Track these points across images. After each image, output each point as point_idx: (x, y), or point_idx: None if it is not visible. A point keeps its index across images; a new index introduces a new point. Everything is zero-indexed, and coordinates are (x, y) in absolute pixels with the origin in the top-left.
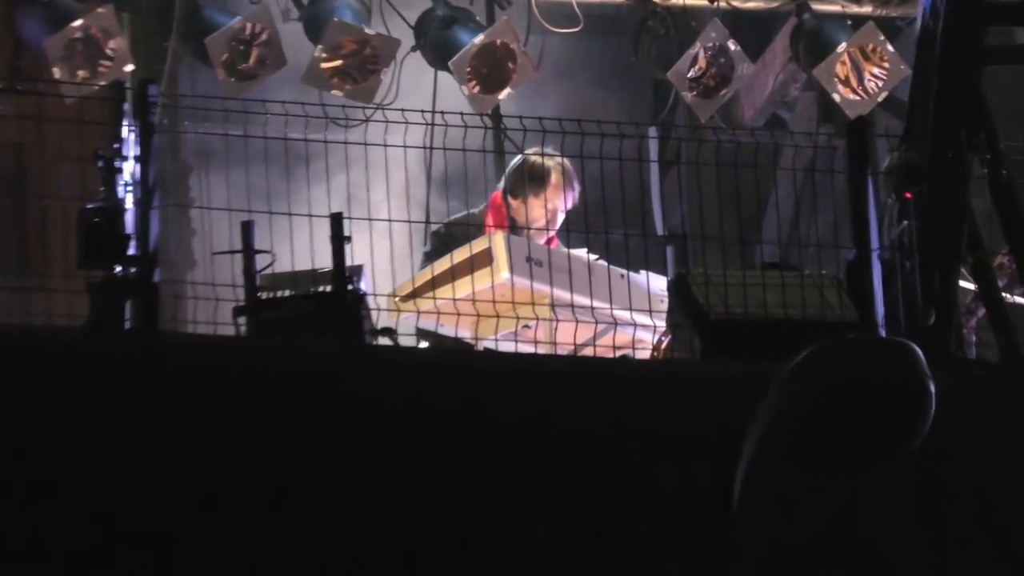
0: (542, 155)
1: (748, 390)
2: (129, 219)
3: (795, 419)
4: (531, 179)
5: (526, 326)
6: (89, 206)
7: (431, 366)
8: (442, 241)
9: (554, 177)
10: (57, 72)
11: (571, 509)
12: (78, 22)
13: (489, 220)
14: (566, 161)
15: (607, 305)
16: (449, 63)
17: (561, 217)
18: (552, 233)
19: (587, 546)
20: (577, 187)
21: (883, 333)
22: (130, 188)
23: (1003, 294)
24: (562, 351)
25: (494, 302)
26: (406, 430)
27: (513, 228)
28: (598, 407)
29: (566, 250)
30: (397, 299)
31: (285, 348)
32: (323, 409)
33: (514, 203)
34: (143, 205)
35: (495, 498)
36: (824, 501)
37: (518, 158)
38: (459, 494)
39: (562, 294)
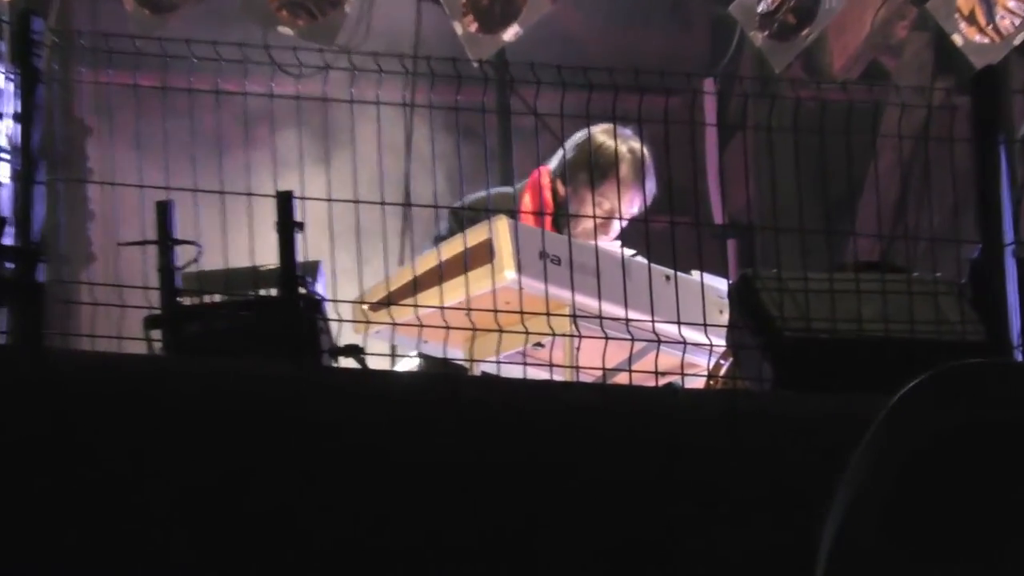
0: (615, 136)
1: (835, 434)
2: (4, 197)
3: (899, 476)
4: (591, 165)
5: (538, 344)
6: None
7: (410, 397)
8: (461, 223)
9: (624, 170)
10: None
11: None
12: None
13: (526, 203)
14: (645, 149)
15: (647, 316)
16: None
17: (620, 225)
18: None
19: None
20: (653, 186)
21: (1020, 357)
22: (6, 156)
23: None
24: (586, 377)
25: (496, 311)
26: (374, 484)
27: (558, 220)
28: (634, 454)
29: (594, 244)
30: (366, 307)
31: (214, 372)
32: (263, 453)
33: (563, 190)
34: (25, 179)
35: (497, 572)
36: None
37: (582, 133)
38: (448, 568)
39: (587, 301)
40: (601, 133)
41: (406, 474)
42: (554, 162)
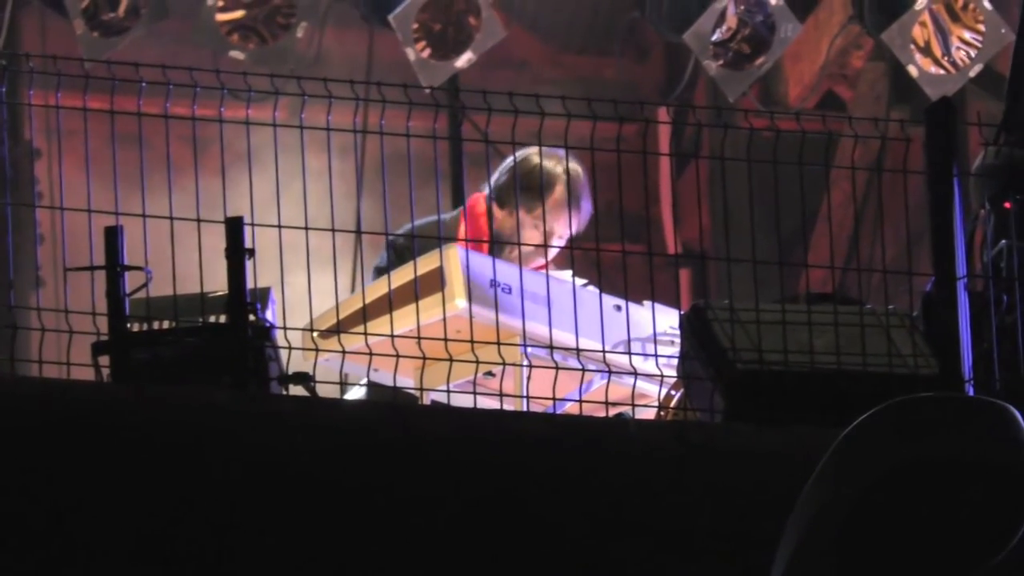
0: (540, 156)
1: (785, 467)
2: None
3: (849, 510)
4: (525, 187)
5: (489, 373)
6: None
7: (359, 426)
8: (400, 255)
9: (558, 190)
10: None
11: None
12: None
13: (463, 231)
14: (580, 169)
15: (598, 346)
16: (389, 17)
17: (560, 243)
18: (546, 260)
19: None
20: (589, 207)
21: (972, 391)
22: None
23: None
24: (537, 407)
25: (446, 340)
26: (321, 513)
27: (496, 247)
28: (583, 485)
29: (545, 273)
30: (316, 334)
31: (160, 399)
32: (207, 482)
33: (499, 214)
34: None
35: None
36: None
37: (512, 158)
38: None
39: (538, 330)
40: (534, 155)
41: (353, 503)
42: (487, 187)
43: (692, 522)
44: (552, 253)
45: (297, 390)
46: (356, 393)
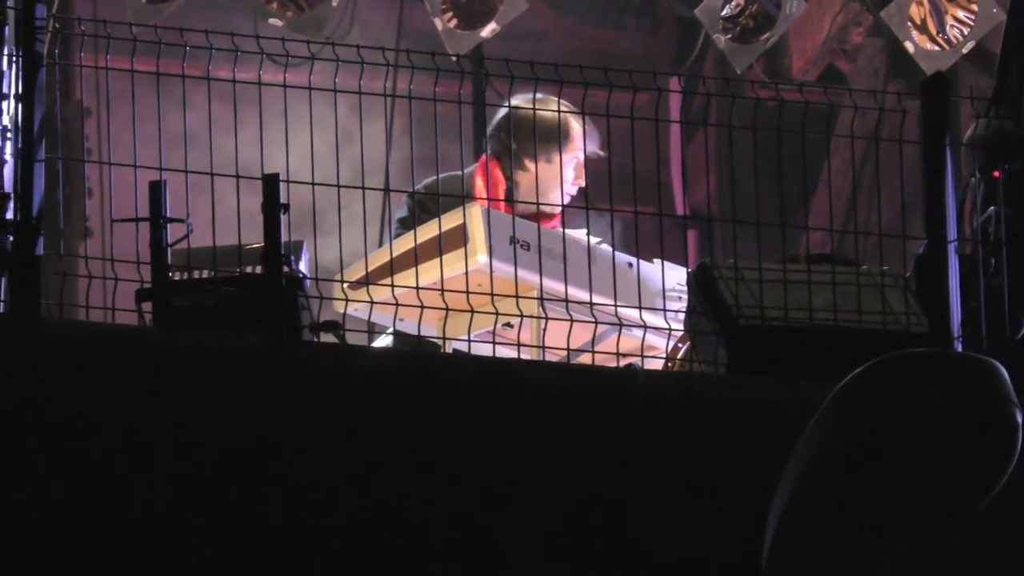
0: (542, 103)
1: (785, 416)
2: (7, 174)
3: (842, 459)
4: (543, 135)
5: (508, 324)
6: None
7: (385, 371)
8: (422, 207)
9: (575, 126)
10: None
11: (558, 564)
12: None
13: (479, 186)
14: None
15: (610, 301)
16: None
17: (577, 184)
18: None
19: None
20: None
21: (960, 348)
22: (9, 135)
23: None
24: (552, 357)
25: (468, 292)
26: (348, 455)
27: (511, 197)
28: (594, 431)
29: (561, 231)
30: (346, 285)
31: (198, 344)
32: (244, 425)
33: (531, 167)
34: (26, 157)
35: (462, 550)
36: (877, 563)
37: (507, 109)
38: (413, 542)
39: (554, 285)
40: (524, 103)
41: (377, 444)
42: (491, 145)
43: (695, 466)
44: (563, 199)
45: (327, 338)
46: (383, 341)
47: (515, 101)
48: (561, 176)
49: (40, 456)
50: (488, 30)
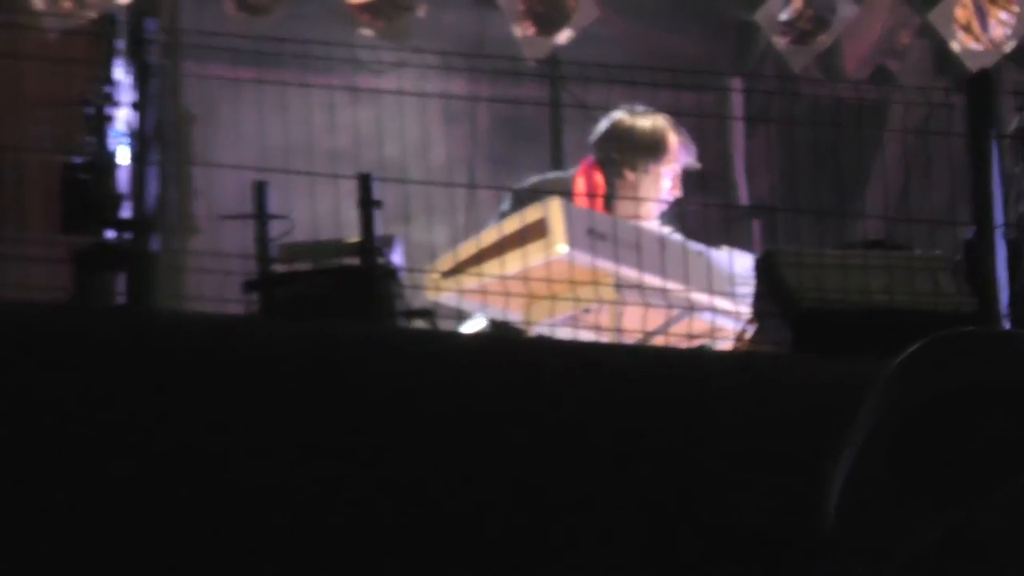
0: (645, 114)
1: (845, 392)
2: (122, 176)
3: (899, 430)
4: (647, 147)
5: (587, 310)
6: (75, 160)
7: (474, 354)
8: (522, 202)
9: (673, 138)
10: (36, 2)
11: (629, 540)
12: None
13: (580, 187)
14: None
15: (682, 287)
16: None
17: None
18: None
19: (651, 570)
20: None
21: (1007, 326)
22: (123, 140)
23: None
24: (628, 340)
25: (549, 281)
26: (438, 434)
27: (609, 202)
28: (665, 408)
29: (634, 222)
30: (437, 275)
31: (302, 331)
32: (341, 406)
33: (631, 176)
34: (140, 160)
35: (539, 526)
36: (933, 527)
37: (615, 118)
38: (493, 514)
39: (630, 273)
40: (636, 118)
41: (466, 422)
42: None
43: (760, 443)
44: (656, 207)
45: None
46: (471, 326)
47: (618, 114)
48: (657, 186)
49: (160, 439)
50: (563, 36)
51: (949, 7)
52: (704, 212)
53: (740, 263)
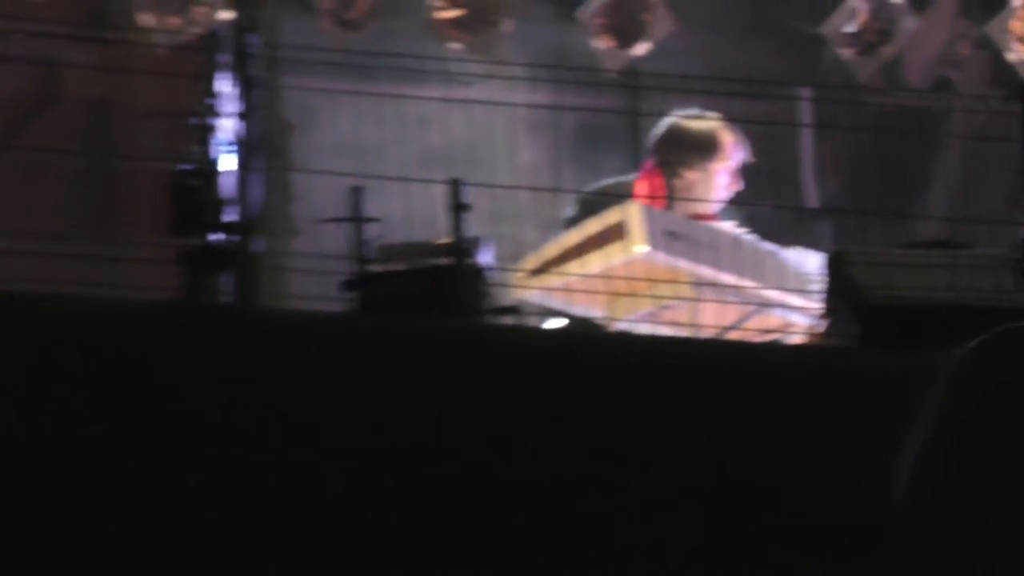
0: (700, 117)
1: (911, 383)
2: (225, 182)
3: (964, 418)
4: (698, 146)
5: (665, 306)
6: (182, 167)
7: (559, 348)
8: (589, 209)
9: (724, 140)
10: (144, 19)
11: (707, 525)
12: None
13: (642, 190)
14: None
15: (756, 284)
16: (577, 14)
17: (728, 190)
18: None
19: (727, 559)
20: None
21: None
22: (227, 148)
23: None
24: (705, 334)
25: (629, 279)
26: (522, 425)
27: (670, 203)
28: (739, 398)
29: (709, 223)
30: (523, 274)
31: (398, 326)
32: (434, 396)
33: (686, 174)
34: (245, 167)
35: (621, 512)
36: (998, 512)
37: (668, 123)
38: (564, 502)
39: (706, 271)
40: (693, 121)
41: (549, 413)
42: (656, 152)
43: (829, 430)
44: (718, 205)
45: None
46: (556, 322)
47: (672, 118)
48: (714, 183)
49: (269, 433)
50: (640, 48)
51: (1005, 20)
52: (776, 214)
53: (810, 262)
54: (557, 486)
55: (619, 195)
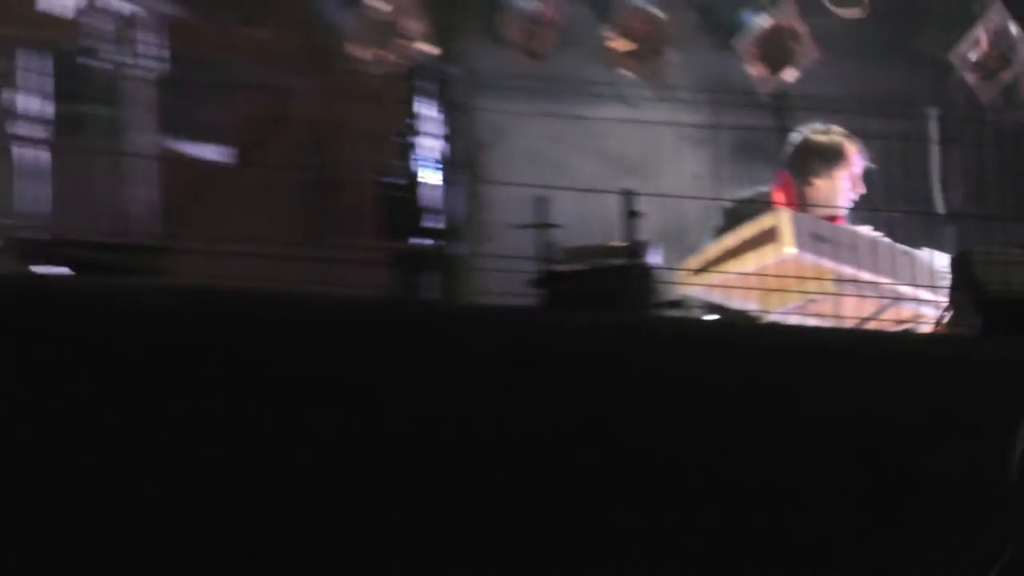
0: (827, 132)
1: None
2: (428, 193)
3: None
4: (825, 156)
5: (811, 300)
6: (391, 181)
7: (719, 336)
8: (734, 218)
9: (847, 151)
10: (358, 52)
11: (841, 502)
12: (377, 1)
13: (778, 198)
14: (849, 134)
15: (890, 280)
16: (734, 43)
17: (852, 195)
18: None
19: (861, 531)
20: (864, 159)
21: None
22: (430, 164)
23: None
24: (846, 324)
25: (780, 276)
26: (686, 405)
27: (805, 206)
28: (878, 380)
29: (850, 227)
30: (687, 273)
31: (582, 320)
32: (613, 382)
33: (814, 183)
34: (447, 181)
35: (759, 492)
36: None
37: (799, 137)
38: (706, 479)
39: (846, 270)
40: (821, 134)
41: (713, 396)
42: (790, 163)
43: (955, 409)
44: (845, 206)
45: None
46: (716, 315)
47: (801, 134)
48: (839, 188)
49: (472, 413)
50: (790, 74)
51: None
52: (909, 219)
53: (938, 261)
54: (720, 460)
55: (758, 203)
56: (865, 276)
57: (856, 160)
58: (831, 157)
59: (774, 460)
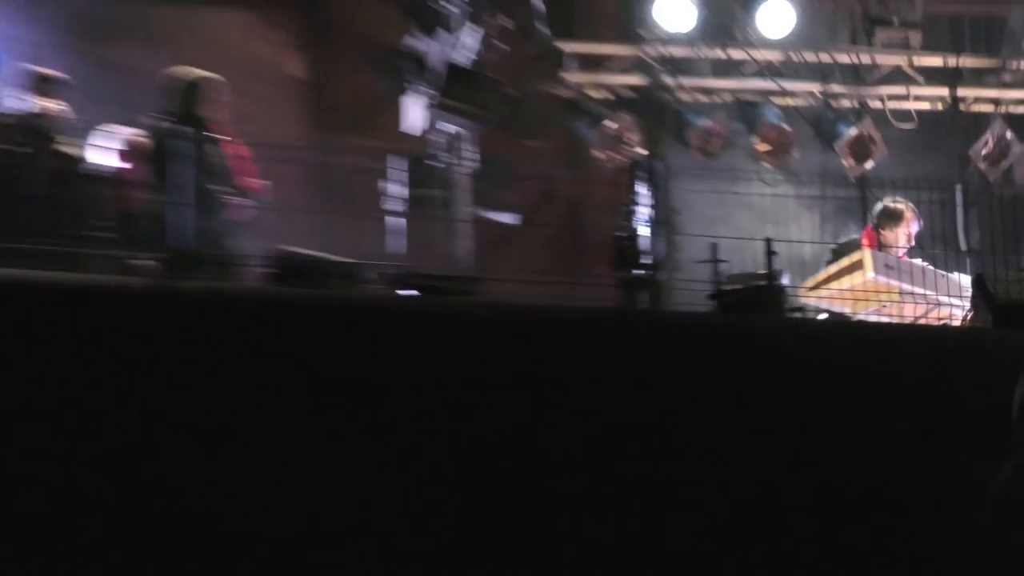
0: (895, 201)
1: None
2: (643, 242)
3: None
4: (894, 217)
5: (883, 305)
6: (619, 234)
7: (822, 332)
8: (836, 255)
9: (908, 214)
10: (597, 153)
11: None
12: (611, 122)
13: (865, 242)
14: (909, 203)
15: (933, 293)
16: (834, 145)
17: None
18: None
19: (923, 449)
20: (918, 219)
21: None
22: (643, 223)
23: None
24: (906, 321)
25: (864, 291)
26: (811, 385)
27: (881, 247)
28: (925, 357)
29: (909, 260)
30: (806, 289)
31: (739, 323)
32: (745, 371)
33: (885, 233)
34: (654, 234)
35: (829, 441)
36: None
37: (879, 205)
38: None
39: (906, 287)
40: (887, 203)
41: (816, 385)
42: (872, 220)
43: (975, 377)
44: (903, 250)
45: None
46: (822, 316)
47: (880, 204)
48: (901, 237)
49: (679, 386)
50: (869, 164)
51: None
52: (944, 254)
53: (964, 280)
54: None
55: (851, 245)
56: (917, 291)
57: (912, 219)
58: (897, 217)
59: (863, 407)
